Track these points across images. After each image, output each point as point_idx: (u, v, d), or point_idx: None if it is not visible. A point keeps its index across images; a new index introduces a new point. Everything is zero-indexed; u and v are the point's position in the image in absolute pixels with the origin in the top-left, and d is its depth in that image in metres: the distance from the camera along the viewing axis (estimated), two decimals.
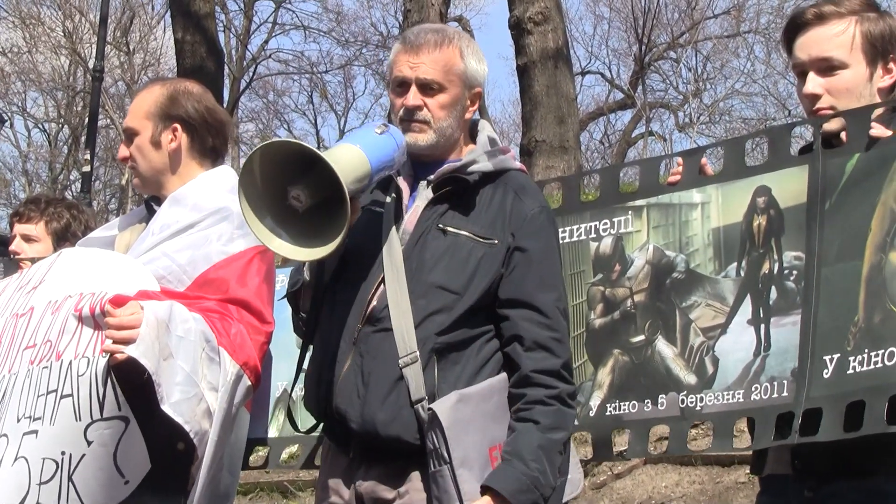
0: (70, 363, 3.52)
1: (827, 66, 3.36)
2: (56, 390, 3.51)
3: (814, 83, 3.36)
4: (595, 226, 3.84)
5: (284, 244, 3.28)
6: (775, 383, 3.27)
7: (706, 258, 3.56)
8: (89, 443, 3.46)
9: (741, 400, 3.35)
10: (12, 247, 4.97)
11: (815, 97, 3.36)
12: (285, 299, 3.75)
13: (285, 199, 3.28)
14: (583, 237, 3.86)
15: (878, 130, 3.20)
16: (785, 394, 3.23)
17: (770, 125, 30.76)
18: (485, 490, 3.19)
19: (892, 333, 2.99)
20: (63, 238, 4.94)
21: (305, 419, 3.75)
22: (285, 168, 3.25)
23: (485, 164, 3.48)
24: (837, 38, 3.35)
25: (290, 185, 3.26)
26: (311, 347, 3.63)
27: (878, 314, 3.05)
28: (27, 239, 4.96)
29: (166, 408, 3.39)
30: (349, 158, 3.26)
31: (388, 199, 3.50)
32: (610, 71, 36.82)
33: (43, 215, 4.98)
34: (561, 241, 3.77)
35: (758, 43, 33.40)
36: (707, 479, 8.05)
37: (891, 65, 3.37)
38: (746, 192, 3.48)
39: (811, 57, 3.38)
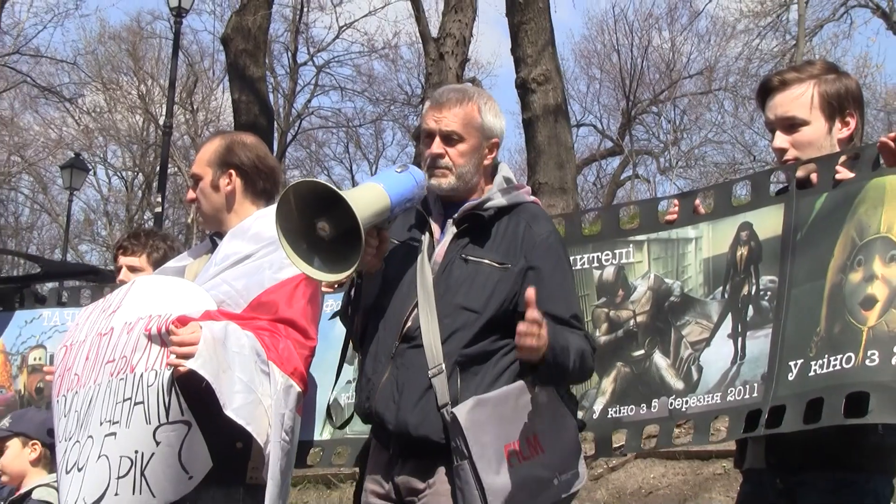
0: (142, 375, 3.56)
1: (791, 124, 3.39)
2: (130, 398, 3.56)
3: (780, 140, 3.40)
4: (598, 256, 3.83)
5: (310, 268, 3.31)
6: (748, 386, 3.27)
7: (697, 284, 3.56)
8: (158, 443, 3.50)
9: (718, 401, 3.35)
10: (120, 277, 4.90)
11: (783, 151, 3.39)
12: (337, 319, 3.78)
13: (315, 230, 3.29)
14: (586, 266, 3.84)
15: (842, 174, 3.22)
16: (755, 394, 3.23)
17: (738, 169, 30.86)
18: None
19: (849, 341, 2.98)
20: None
21: (355, 420, 3.74)
22: (314, 203, 3.27)
23: (499, 201, 3.49)
24: (798, 99, 3.37)
25: (317, 218, 3.28)
26: (349, 360, 3.67)
27: (837, 325, 3.04)
28: (132, 269, 4.91)
29: (230, 412, 3.40)
30: (369, 195, 3.30)
31: (424, 237, 3.51)
32: (601, 123, 36.87)
33: (145, 248, 4.93)
34: None
35: (727, 98, 33.40)
36: (689, 472, 8.03)
37: (848, 118, 3.37)
38: (732, 227, 3.49)
39: (777, 117, 3.41)
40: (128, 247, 4.97)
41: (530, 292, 3.15)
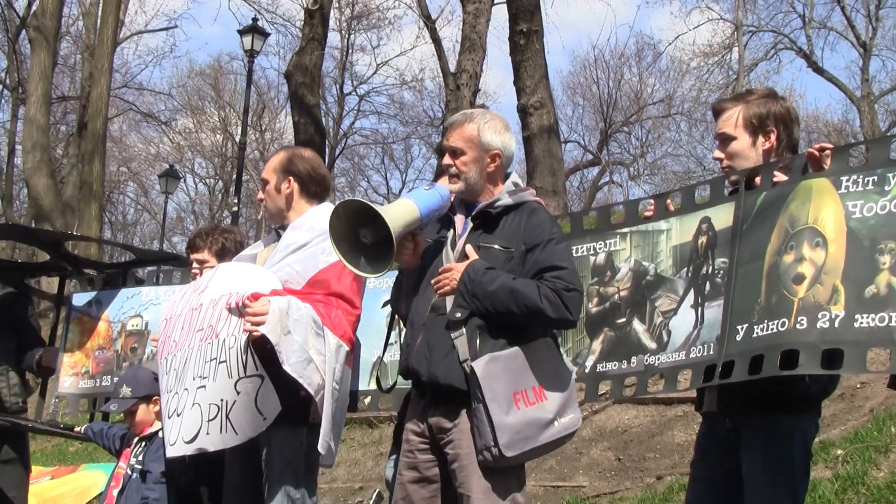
0: (224, 340, 3.60)
1: (724, 139, 3.41)
2: (216, 358, 3.60)
3: (717, 151, 3.45)
4: (594, 246, 3.83)
5: (356, 267, 3.34)
6: (705, 346, 3.27)
7: (668, 265, 3.55)
8: (238, 393, 3.54)
9: (683, 358, 3.36)
10: (193, 270, 4.77)
11: (720, 159, 3.43)
12: (376, 291, 3.82)
13: (359, 236, 3.33)
14: (584, 254, 3.84)
15: (778, 177, 3.23)
16: (711, 352, 3.23)
17: (692, 176, 30.92)
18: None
19: (783, 309, 2.99)
20: (223, 255, 4.83)
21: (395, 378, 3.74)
22: (359, 216, 3.31)
23: (506, 200, 3.49)
24: (728, 120, 3.39)
25: (360, 227, 3.32)
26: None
27: (774, 297, 3.04)
28: (201, 262, 4.75)
29: (286, 367, 3.44)
30: (402, 210, 3.31)
31: (448, 233, 3.54)
32: (583, 140, 36.61)
33: (206, 244, 4.80)
34: None
35: (683, 121, 33.54)
36: (656, 414, 7.98)
37: (770, 134, 3.35)
38: (695, 221, 3.48)
39: (716, 133, 3.46)
40: (195, 245, 4.84)
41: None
